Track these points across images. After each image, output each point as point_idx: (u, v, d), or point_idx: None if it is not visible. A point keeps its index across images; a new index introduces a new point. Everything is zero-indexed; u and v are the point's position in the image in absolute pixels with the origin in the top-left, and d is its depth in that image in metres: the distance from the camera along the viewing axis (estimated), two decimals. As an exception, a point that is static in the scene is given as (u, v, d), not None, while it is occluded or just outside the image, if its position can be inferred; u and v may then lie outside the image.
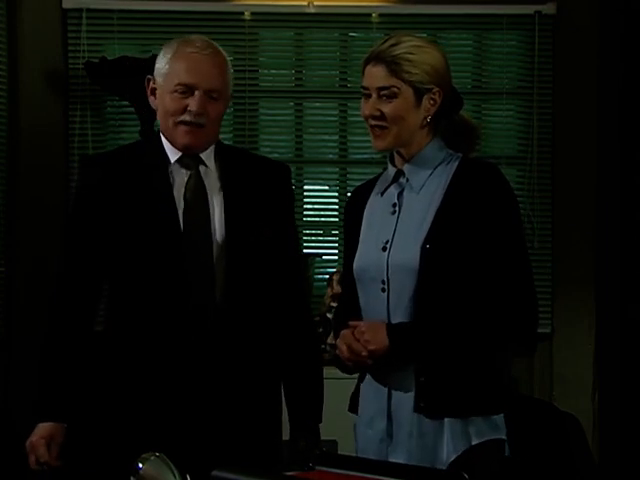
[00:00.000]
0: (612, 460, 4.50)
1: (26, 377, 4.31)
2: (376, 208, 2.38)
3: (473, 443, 2.22)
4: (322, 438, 2.57)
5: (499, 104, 4.66)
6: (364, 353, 2.22)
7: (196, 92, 2.43)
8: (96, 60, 4.36)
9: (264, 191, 2.53)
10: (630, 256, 4.53)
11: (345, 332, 2.27)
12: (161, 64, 2.48)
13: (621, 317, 4.56)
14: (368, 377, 2.34)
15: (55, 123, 4.53)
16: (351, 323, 2.28)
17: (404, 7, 4.60)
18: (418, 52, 2.28)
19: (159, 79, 2.48)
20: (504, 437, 2.26)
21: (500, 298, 2.23)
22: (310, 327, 2.67)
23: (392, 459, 2.25)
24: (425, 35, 4.55)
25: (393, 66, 2.27)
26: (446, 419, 2.22)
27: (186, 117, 2.44)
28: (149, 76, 2.51)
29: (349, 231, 2.45)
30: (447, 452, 2.21)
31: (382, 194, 2.38)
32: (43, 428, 2.48)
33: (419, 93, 2.29)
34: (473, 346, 2.23)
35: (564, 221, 4.62)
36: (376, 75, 2.29)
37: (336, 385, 2.68)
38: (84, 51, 4.51)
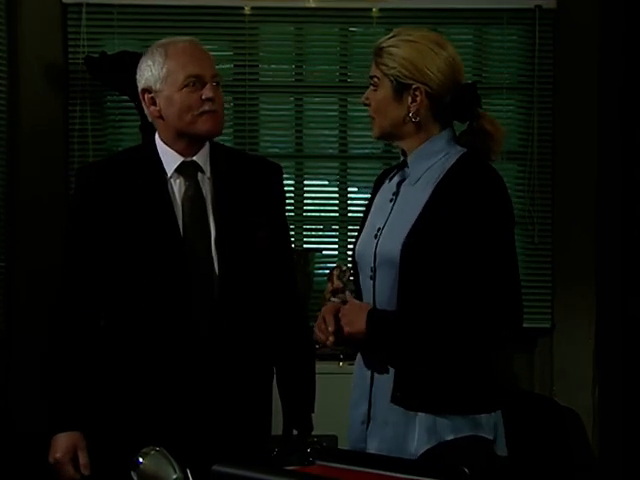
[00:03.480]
0: (612, 455, 4.49)
1: (26, 376, 4.34)
2: (382, 194, 2.39)
3: (447, 439, 2.18)
4: (322, 433, 2.58)
5: (499, 99, 4.64)
6: (330, 328, 2.23)
7: (206, 81, 2.45)
8: (96, 55, 4.35)
9: (257, 192, 2.54)
10: (630, 251, 4.52)
11: (328, 307, 2.29)
12: (154, 71, 2.47)
13: (622, 312, 4.56)
14: (358, 360, 2.34)
15: (55, 118, 4.52)
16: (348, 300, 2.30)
17: (404, 1, 4.58)
18: (403, 46, 2.24)
19: (158, 85, 2.47)
20: (487, 436, 2.21)
21: (480, 295, 2.16)
22: (302, 322, 2.68)
23: (368, 443, 2.26)
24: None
25: (377, 57, 2.29)
26: (419, 412, 2.20)
27: (206, 107, 2.45)
28: (142, 89, 2.50)
29: (364, 214, 2.45)
30: (416, 444, 2.19)
31: (390, 181, 2.38)
32: (63, 440, 2.44)
33: (399, 87, 2.26)
34: (450, 343, 2.18)
35: (564, 216, 4.62)
36: (371, 64, 2.32)
37: (336, 380, 2.69)
38: (84, 46, 4.50)
